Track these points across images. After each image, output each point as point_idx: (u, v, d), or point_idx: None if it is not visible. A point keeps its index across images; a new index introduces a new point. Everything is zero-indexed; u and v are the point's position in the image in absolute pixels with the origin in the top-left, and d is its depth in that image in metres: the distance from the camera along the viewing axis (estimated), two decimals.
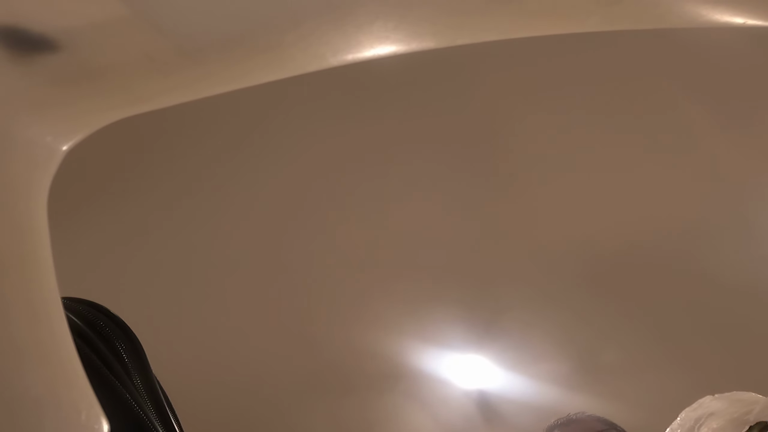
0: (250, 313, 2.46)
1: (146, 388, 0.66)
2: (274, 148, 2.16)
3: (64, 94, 0.43)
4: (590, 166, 2.20)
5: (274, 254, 2.38)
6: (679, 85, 2.02)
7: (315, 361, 2.53)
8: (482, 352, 2.55)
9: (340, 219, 2.33)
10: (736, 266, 2.26)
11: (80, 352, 0.47)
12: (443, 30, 0.49)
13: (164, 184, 2.21)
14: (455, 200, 2.30)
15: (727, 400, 0.94)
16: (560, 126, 2.11)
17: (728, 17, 0.50)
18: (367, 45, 0.47)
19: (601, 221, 2.29)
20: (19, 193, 0.43)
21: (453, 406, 2.69)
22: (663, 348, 2.44)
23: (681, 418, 0.98)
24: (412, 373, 2.58)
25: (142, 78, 0.44)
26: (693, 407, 0.98)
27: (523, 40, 0.62)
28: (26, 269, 0.43)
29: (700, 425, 0.92)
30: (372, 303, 2.43)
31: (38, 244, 0.45)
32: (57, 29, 0.39)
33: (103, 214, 2.20)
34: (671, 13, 0.50)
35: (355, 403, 2.62)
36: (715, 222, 2.24)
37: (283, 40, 0.43)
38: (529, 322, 2.51)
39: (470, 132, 2.14)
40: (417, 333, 2.50)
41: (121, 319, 0.70)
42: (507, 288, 2.46)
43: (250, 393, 2.60)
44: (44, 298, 0.45)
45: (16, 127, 0.42)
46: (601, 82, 2.04)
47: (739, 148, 2.10)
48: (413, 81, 1.98)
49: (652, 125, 2.11)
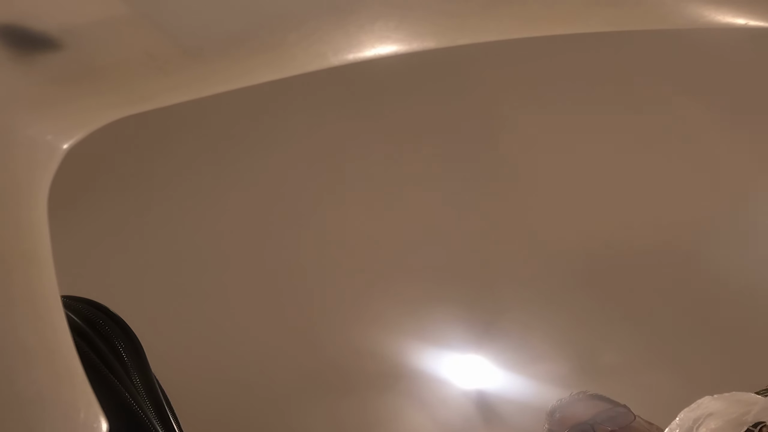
0: (250, 312, 2.46)
1: (145, 387, 0.66)
2: (273, 145, 2.16)
3: (65, 93, 0.43)
4: (590, 166, 2.20)
5: (273, 253, 2.38)
6: (679, 85, 2.01)
7: (314, 360, 2.53)
8: (481, 353, 2.56)
9: (340, 218, 2.33)
10: (736, 267, 2.26)
11: (79, 351, 0.47)
12: (444, 30, 0.49)
13: (160, 180, 2.20)
14: (455, 200, 2.30)
15: (726, 401, 0.94)
16: (560, 126, 2.11)
17: (730, 18, 0.50)
18: (368, 44, 0.47)
19: (601, 222, 2.29)
20: (19, 192, 0.43)
21: (452, 406, 2.69)
22: (662, 349, 2.45)
23: (680, 419, 0.98)
24: (411, 373, 2.58)
25: (144, 77, 0.44)
26: (692, 407, 0.98)
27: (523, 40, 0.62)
28: (26, 267, 0.43)
29: (699, 425, 0.92)
30: (371, 303, 2.43)
31: (38, 243, 0.45)
32: (58, 28, 0.39)
33: (98, 210, 2.20)
34: (673, 14, 0.50)
35: (355, 403, 2.62)
36: (715, 223, 2.24)
37: (285, 39, 0.43)
38: (528, 322, 2.51)
39: (470, 132, 2.14)
40: (416, 333, 2.50)
41: (121, 318, 0.70)
42: (506, 288, 2.46)
43: (249, 392, 2.60)
44: (44, 296, 0.45)
45: (16, 126, 0.42)
46: (602, 83, 2.04)
47: (740, 148, 2.11)
48: (414, 80, 1.98)
49: (652, 125, 2.11)
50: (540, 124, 2.11)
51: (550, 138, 2.14)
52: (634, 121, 2.11)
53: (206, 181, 2.22)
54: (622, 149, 2.17)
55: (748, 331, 2.37)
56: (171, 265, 2.35)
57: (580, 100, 2.07)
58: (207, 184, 2.23)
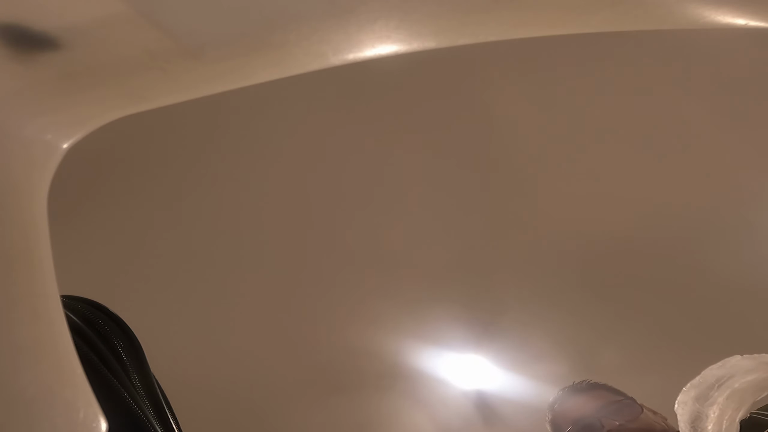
0: (249, 312, 2.46)
1: (144, 387, 0.66)
2: (272, 146, 2.16)
3: (65, 92, 0.43)
4: (590, 166, 2.20)
5: (273, 253, 2.38)
6: (679, 85, 2.01)
7: (314, 360, 2.53)
8: (481, 352, 2.56)
9: (340, 218, 2.32)
10: (737, 266, 2.26)
11: (79, 351, 0.47)
12: (444, 30, 0.49)
13: (162, 182, 2.20)
14: (455, 200, 2.29)
15: (754, 361, 0.91)
16: (561, 126, 2.11)
17: (730, 18, 0.50)
18: (368, 44, 0.46)
19: (601, 222, 2.29)
20: (18, 191, 0.43)
21: (451, 406, 2.69)
22: (661, 348, 2.45)
23: (702, 376, 0.94)
24: (410, 373, 2.58)
25: (144, 76, 0.44)
26: (717, 365, 0.94)
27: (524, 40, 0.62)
28: (26, 267, 0.43)
29: (721, 384, 0.89)
30: (371, 303, 2.43)
31: (38, 242, 0.45)
32: (58, 27, 0.39)
33: (98, 210, 2.20)
34: (673, 14, 0.50)
35: (354, 403, 2.62)
36: (715, 222, 2.24)
37: (285, 39, 0.43)
38: (527, 322, 2.51)
39: (470, 132, 2.14)
40: (416, 333, 2.50)
41: (120, 318, 0.70)
42: (506, 288, 2.46)
43: (248, 391, 2.60)
44: (44, 295, 0.45)
45: (16, 125, 0.42)
46: (602, 82, 2.04)
47: (740, 148, 2.11)
48: (414, 80, 1.98)
49: (652, 125, 2.11)
50: (540, 124, 2.11)
51: (550, 138, 2.14)
52: (634, 121, 2.11)
53: (206, 181, 2.22)
54: (621, 149, 2.17)
55: (750, 330, 2.37)
56: (170, 265, 2.35)
57: (580, 100, 2.07)
58: (207, 183, 2.23)
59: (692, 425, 0.90)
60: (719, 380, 0.90)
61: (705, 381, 0.92)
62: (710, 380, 0.91)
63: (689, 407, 0.92)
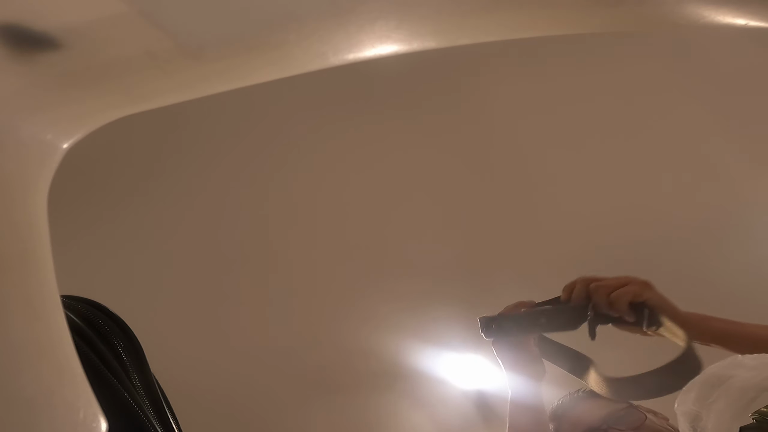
0: (248, 312, 2.46)
1: (144, 387, 0.66)
2: (273, 146, 2.16)
3: (65, 92, 0.43)
4: (590, 167, 2.20)
5: (272, 252, 2.38)
6: (679, 85, 2.01)
7: (313, 360, 2.53)
8: (481, 352, 2.55)
9: (340, 217, 2.32)
10: (737, 267, 2.26)
11: (79, 351, 0.47)
12: (444, 30, 0.49)
13: (162, 182, 2.20)
14: (455, 200, 2.29)
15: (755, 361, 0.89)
16: (561, 126, 2.11)
17: (730, 18, 0.50)
18: (368, 44, 0.46)
19: (601, 222, 2.29)
20: (18, 191, 0.43)
21: (451, 406, 2.69)
22: (662, 348, 2.44)
23: (704, 374, 0.93)
24: (410, 373, 2.58)
25: (144, 76, 0.44)
26: (718, 365, 0.93)
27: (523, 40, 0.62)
28: (26, 267, 0.43)
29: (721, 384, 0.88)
30: (371, 302, 2.43)
31: (38, 242, 0.45)
32: (59, 27, 0.39)
33: (98, 210, 2.20)
34: (673, 14, 0.50)
35: (354, 403, 2.62)
36: (715, 222, 2.24)
37: (285, 39, 0.43)
38: None
39: (470, 132, 2.14)
40: (415, 332, 2.50)
41: (120, 318, 0.70)
42: (506, 288, 2.45)
43: (248, 391, 2.60)
44: (43, 296, 0.45)
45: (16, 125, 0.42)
46: (601, 83, 2.04)
47: (740, 148, 2.10)
48: (414, 80, 1.98)
49: (652, 125, 2.11)
50: (540, 124, 2.11)
51: (550, 138, 2.14)
52: (634, 122, 2.11)
53: (206, 181, 2.22)
54: (621, 150, 2.17)
55: None
56: (170, 265, 2.35)
57: (580, 100, 2.07)
58: (206, 183, 2.23)
59: (692, 425, 0.90)
60: (720, 380, 0.89)
61: (705, 381, 0.91)
62: (710, 380, 0.91)
63: (689, 408, 0.91)
